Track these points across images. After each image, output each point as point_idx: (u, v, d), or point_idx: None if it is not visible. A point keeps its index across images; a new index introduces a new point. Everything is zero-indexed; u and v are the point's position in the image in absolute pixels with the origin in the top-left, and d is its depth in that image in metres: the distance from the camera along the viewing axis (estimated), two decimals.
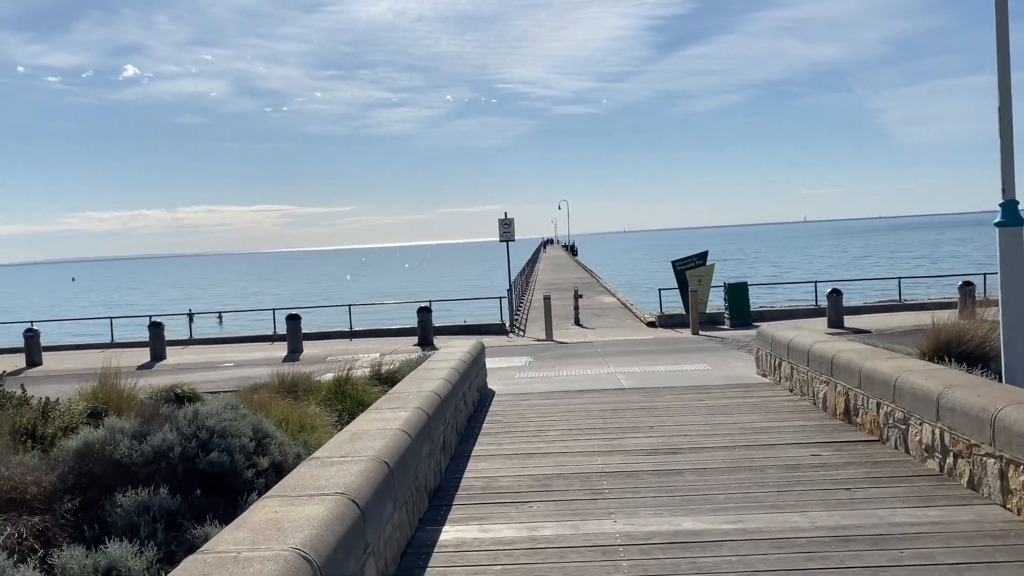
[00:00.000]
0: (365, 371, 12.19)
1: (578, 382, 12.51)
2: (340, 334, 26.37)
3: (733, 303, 23.97)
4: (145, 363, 21.63)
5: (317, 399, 9.94)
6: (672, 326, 24.55)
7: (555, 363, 15.79)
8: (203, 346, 25.67)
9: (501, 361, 16.71)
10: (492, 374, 13.96)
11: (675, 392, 10.94)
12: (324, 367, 18.83)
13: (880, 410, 7.52)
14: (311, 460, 5.01)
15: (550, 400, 10.72)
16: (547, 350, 18.96)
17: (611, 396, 10.88)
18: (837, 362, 8.59)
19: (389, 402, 6.91)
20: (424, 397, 7.06)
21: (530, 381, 13.01)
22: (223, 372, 18.85)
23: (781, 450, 7.45)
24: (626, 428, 8.73)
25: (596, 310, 30.49)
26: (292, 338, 22.13)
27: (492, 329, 25.67)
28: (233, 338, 27.26)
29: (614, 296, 36.48)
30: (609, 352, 17.40)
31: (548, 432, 8.68)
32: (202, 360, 21.69)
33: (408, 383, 8.17)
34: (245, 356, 21.96)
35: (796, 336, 10.44)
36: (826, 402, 8.99)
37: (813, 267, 77.10)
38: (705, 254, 26.21)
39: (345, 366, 11.14)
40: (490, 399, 11.01)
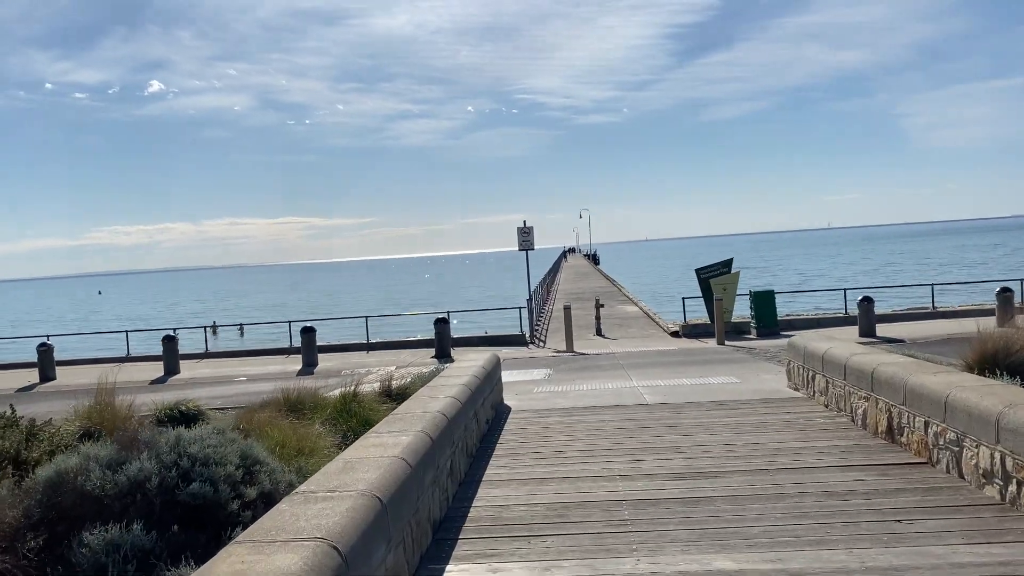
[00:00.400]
0: (375, 386, 11.67)
1: (598, 397, 11.91)
2: (357, 346, 25.90)
3: (759, 312, 23.24)
4: (158, 377, 21.29)
5: (322, 417, 9.42)
6: (696, 336, 23.84)
7: (575, 376, 15.19)
8: (218, 359, 25.31)
9: (519, 374, 16.14)
10: (509, 388, 13.39)
11: (702, 408, 10.30)
12: (338, 381, 18.35)
13: (929, 429, 6.86)
14: (294, 495, 4.46)
15: (569, 417, 10.13)
16: (567, 362, 18.36)
17: (633, 412, 10.27)
18: (878, 376, 7.94)
19: (390, 424, 6.36)
20: (429, 419, 6.50)
21: (548, 396, 12.42)
22: (235, 387, 18.42)
23: (820, 474, 6.81)
24: (650, 448, 8.12)
25: (618, 320, 29.83)
26: (307, 351, 21.68)
27: (512, 340, 25.11)
28: (249, 351, 26.87)
29: (636, 305, 35.79)
30: (632, 364, 16.77)
31: (566, 453, 8.09)
32: (216, 374, 21.30)
33: (414, 402, 7.62)
34: (259, 370, 21.53)
35: (831, 348, 9.78)
36: (866, 419, 8.33)
37: (838, 274, 75.85)
38: (730, 262, 25.48)
39: (354, 381, 10.59)
40: (506, 416, 10.43)
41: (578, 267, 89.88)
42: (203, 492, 5.21)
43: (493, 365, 10.69)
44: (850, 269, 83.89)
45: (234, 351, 27.41)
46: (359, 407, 9.48)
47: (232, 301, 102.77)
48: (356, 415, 9.28)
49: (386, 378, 11.99)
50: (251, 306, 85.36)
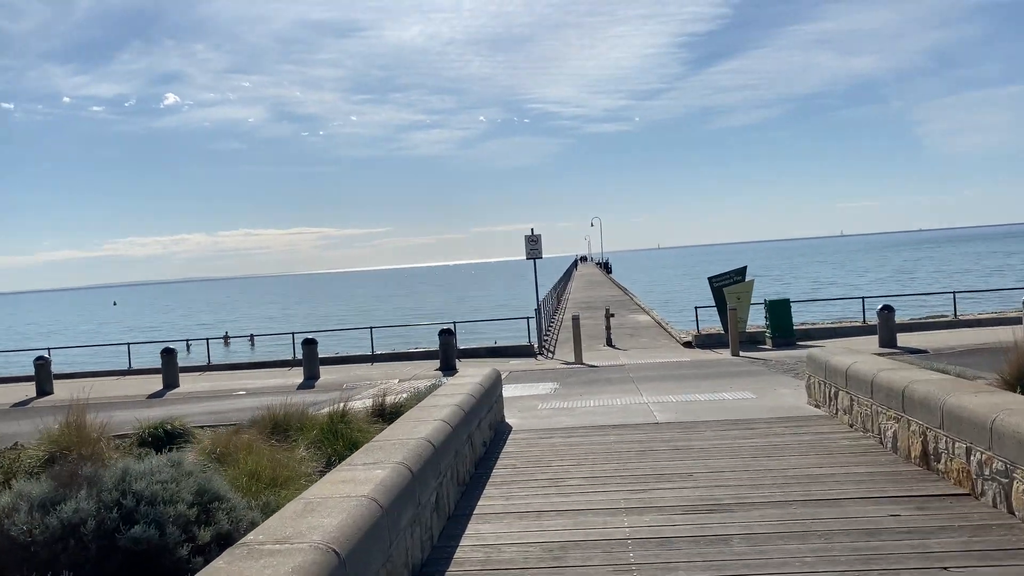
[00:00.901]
0: (368, 403, 11.01)
1: (606, 414, 11.21)
2: (362, 358, 25.28)
3: (775, 321, 22.47)
4: (156, 391, 20.71)
5: (308, 439, 8.76)
6: (710, 346, 23.09)
7: (582, 391, 14.49)
8: (221, 372, 24.73)
9: (524, 388, 15.45)
10: (512, 404, 12.71)
11: (716, 428, 9.59)
12: (336, 396, 17.69)
13: (971, 457, 6.14)
14: (236, 549, 3.80)
15: (573, 438, 9.43)
16: (575, 375, 17.65)
17: (642, 433, 9.55)
18: (911, 396, 7.21)
19: (368, 454, 5.69)
20: (412, 447, 5.83)
21: (552, 413, 11.73)
22: (232, 402, 17.81)
23: (850, 507, 6.09)
24: (660, 475, 7.42)
25: (630, 329, 29.10)
26: (308, 364, 21.07)
27: (520, 351, 24.42)
28: (252, 363, 26.30)
29: (648, 315, 35.04)
30: (642, 377, 16.05)
31: (567, 480, 7.39)
32: (215, 388, 20.70)
33: (400, 426, 6.95)
34: (260, 383, 20.93)
35: (855, 362, 9.05)
36: (896, 442, 7.60)
37: (852, 282, 74.79)
38: (744, 270, 24.73)
39: (343, 399, 9.94)
40: (506, 436, 9.75)
41: (590, 276, 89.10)
42: (147, 536, 4.56)
43: (492, 382, 10.01)
44: (863, 277, 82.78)
45: (237, 364, 26.84)
46: (347, 428, 8.83)
47: (241, 311, 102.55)
48: (343, 437, 8.62)
49: (381, 394, 11.32)
50: (264, 316, 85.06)
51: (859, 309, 34.52)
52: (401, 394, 12.41)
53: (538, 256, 25.45)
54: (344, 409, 9.29)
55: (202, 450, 8.07)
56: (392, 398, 11.09)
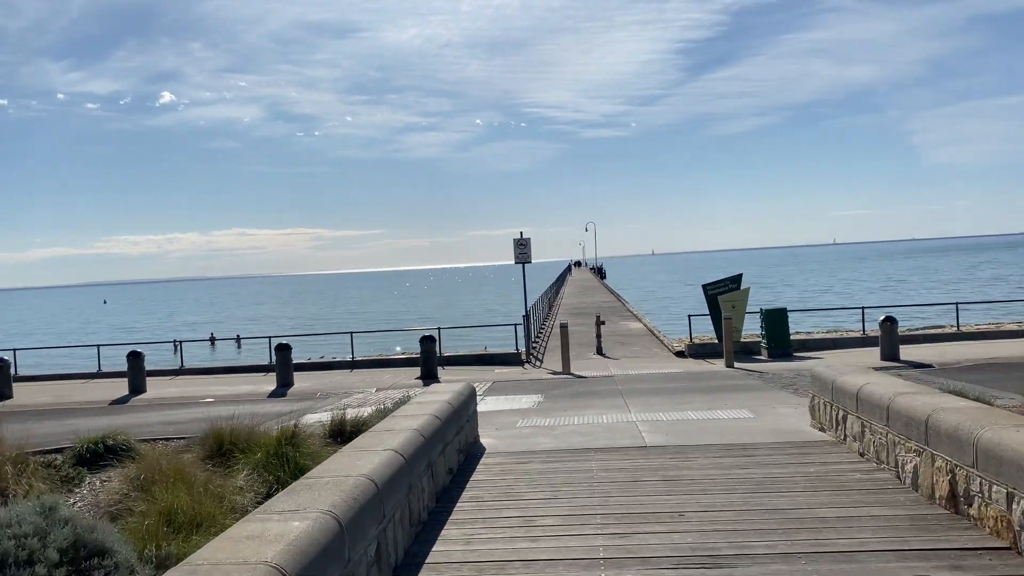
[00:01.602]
0: (327, 418, 10.02)
1: (590, 435, 10.21)
2: (341, 364, 24.29)
3: (771, 331, 21.55)
4: (120, 397, 19.68)
5: (251, 463, 7.77)
6: (703, 356, 22.18)
7: (567, 405, 13.50)
8: (192, 377, 23.69)
9: (506, 402, 14.47)
10: (490, 421, 11.74)
11: (711, 454, 8.61)
12: (310, 405, 16.74)
13: (1014, 505, 5.18)
14: None
15: (551, 463, 8.45)
16: (562, 386, 16.68)
17: (629, 458, 8.58)
18: (937, 426, 6.26)
19: (291, 497, 4.69)
20: (349, 488, 4.84)
21: (532, 432, 10.73)
22: (196, 410, 16.77)
23: (870, 563, 5.12)
24: (646, 513, 6.45)
25: (621, 337, 28.16)
26: (281, 370, 20.05)
27: (507, 359, 23.46)
28: (227, 368, 25.25)
29: (641, 322, 34.11)
30: (631, 390, 15.09)
31: (540, 519, 6.42)
32: (182, 394, 19.66)
33: (342, 457, 5.96)
34: (230, 390, 19.90)
35: (868, 384, 8.10)
36: (917, 479, 6.65)
37: (847, 291, 74.03)
38: (739, 277, 23.80)
39: (308, 410, 8.95)
40: (477, 460, 8.77)
41: (583, 281, 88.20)
42: None
43: (463, 399, 9.02)
44: (853, 286, 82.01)
45: (211, 367, 25.79)
46: (295, 452, 7.83)
47: (230, 312, 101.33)
48: (290, 463, 7.62)
49: (341, 409, 10.32)
50: (251, 317, 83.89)
51: (857, 319, 33.63)
52: (367, 407, 11.44)
53: (527, 260, 24.50)
54: (294, 429, 8.28)
55: (126, 477, 7.07)
56: (355, 412, 10.11)
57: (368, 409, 10.83)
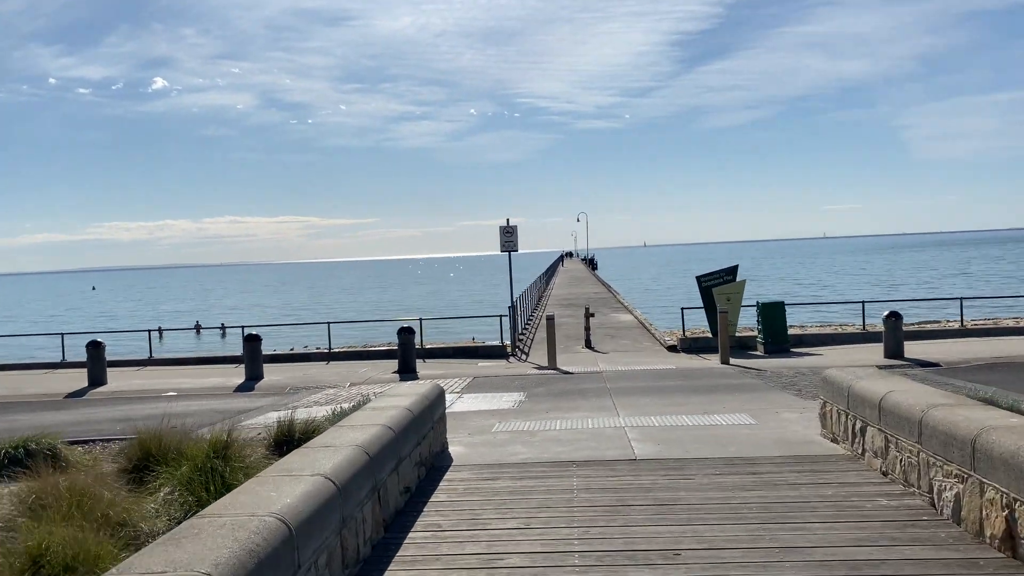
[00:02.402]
0: (274, 420, 8.87)
1: (573, 443, 9.09)
2: (318, 356, 23.14)
3: (768, 326, 20.49)
4: (78, 390, 18.46)
5: (175, 479, 6.62)
6: (696, 351, 21.13)
7: (550, 406, 12.39)
8: (160, 368, 22.48)
9: (484, 401, 13.35)
10: (464, 424, 10.63)
11: (710, 469, 7.51)
12: (275, 402, 15.59)
13: None
14: None
15: (525, 480, 7.33)
16: (546, 383, 15.57)
17: (616, 474, 7.47)
18: (988, 449, 5.16)
19: (166, 551, 3.54)
20: (249, 535, 3.70)
21: (509, 439, 9.60)
22: (153, 405, 15.60)
23: None
24: (635, 549, 5.34)
25: (611, 329, 27.09)
26: (250, 363, 18.88)
27: (491, 352, 22.35)
28: (197, 359, 24.06)
29: (631, 314, 33.03)
30: (621, 389, 13.99)
31: (507, 558, 5.29)
32: (144, 387, 18.47)
33: (261, 484, 4.81)
34: (196, 383, 18.74)
35: (893, 391, 6.99)
36: (959, 510, 5.55)
37: (836, 284, 73.18)
38: (735, 269, 22.73)
39: (230, 424, 7.80)
40: (442, 475, 7.65)
41: (574, 272, 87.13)
42: None
43: (426, 405, 7.88)
44: (845, 279, 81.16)
45: (182, 358, 24.59)
46: (226, 466, 6.68)
47: (216, 300, 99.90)
48: (219, 478, 6.48)
49: (306, 407, 9.19)
50: (239, 306, 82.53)
51: (852, 313, 32.65)
52: (332, 405, 10.29)
53: (513, 249, 23.35)
54: (227, 439, 7.11)
55: (17, 496, 5.93)
56: (316, 412, 8.96)
57: (326, 410, 9.69)
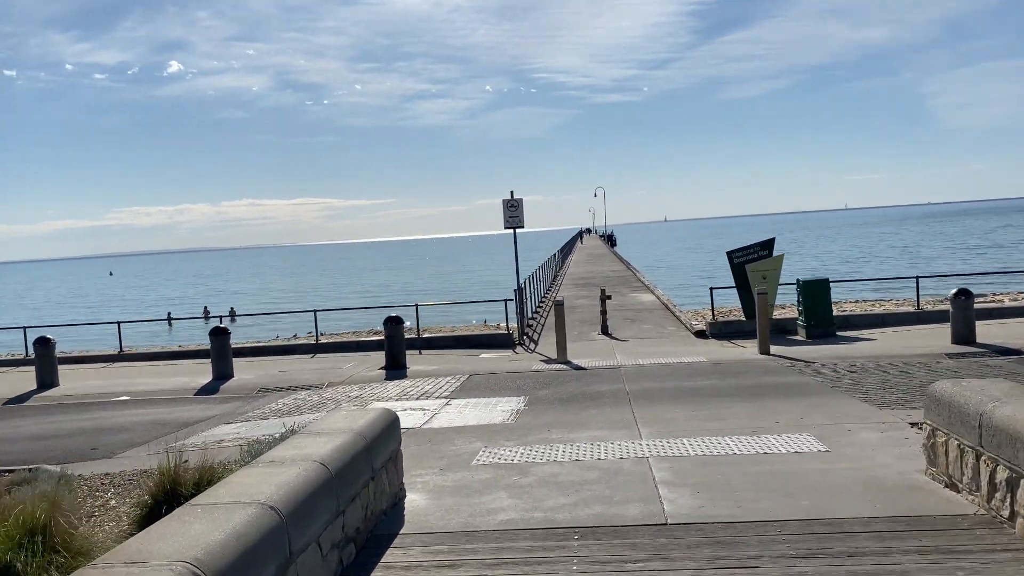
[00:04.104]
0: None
1: (577, 488, 6.54)
2: (303, 348, 20.80)
3: (810, 307, 17.88)
4: (22, 394, 16.16)
5: None
6: (728, 336, 18.59)
7: (553, 419, 9.89)
8: (126, 365, 20.19)
9: (473, 410, 10.87)
10: (440, 449, 8.18)
11: (779, 545, 4.96)
12: (235, 409, 13.15)
13: None
14: None
15: (501, 569, 4.84)
16: (552, 383, 13.07)
17: (637, 556, 4.94)
18: None
19: None
20: None
21: (491, 479, 7.07)
22: (91, 417, 13.28)
23: None
24: None
25: (631, 312, 24.53)
26: (218, 360, 16.51)
27: (496, 341, 19.93)
28: (169, 353, 21.74)
29: (653, 294, 30.39)
30: (643, 392, 11.47)
31: None
32: (98, 390, 16.14)
33: None
34: (158, 384, 16.43)
35: None
36: None
37: (864, 256, 70.03)
38: (771, 243, 20.03)
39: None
40: (383, 549, 5.19)
41: (592, 249, 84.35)
42: None
43: (358, 450, 5.36)
44: (873, 252, 77.87)
45: (155, 352, 22.29)
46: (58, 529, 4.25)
47: (229, 285, 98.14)
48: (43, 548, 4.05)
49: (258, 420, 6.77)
50: (248, 291, 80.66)
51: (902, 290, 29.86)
52: (285, 418, 7.87)
53: (519, 225, 20.80)
54: (50, 505, 4.66)
55: None
56: (256, 430, 6.49)
57: (282, 424, 7.23)
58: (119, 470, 8.68)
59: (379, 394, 13.11)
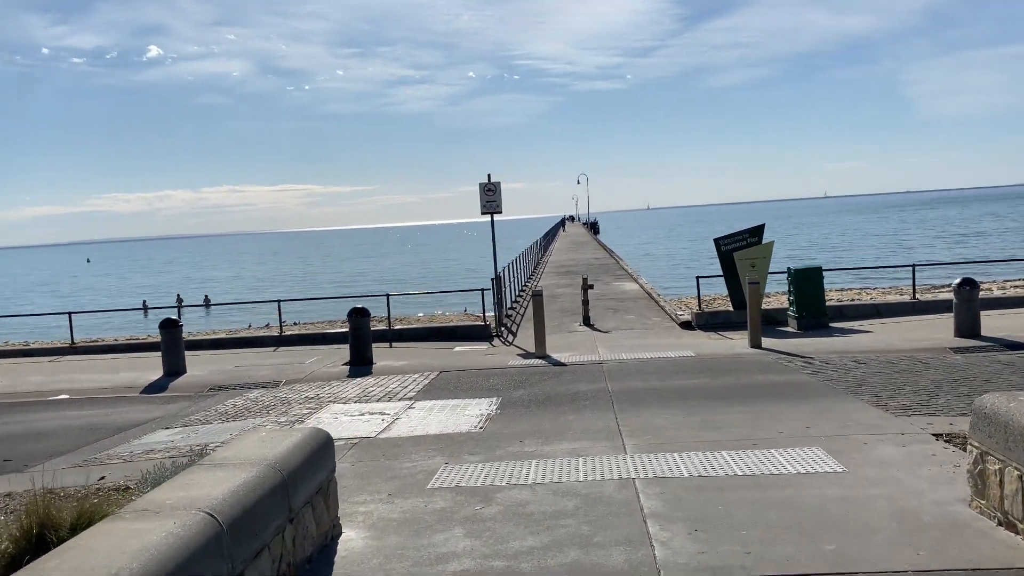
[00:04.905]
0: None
1: (550, 523, 5.43)
2: (266, 339, 19.57)
3: (802, 297, 16.87)
4: None
5: None
6: (715, 327, 17.63)
7: (527, 427, 8.77)
8: (78, 358, 18.89)
9: (440, 415, 9.73)
10: (394, 464, 7.04)
11: None
12: (180, 410, 11.84)
13: None
14: None
15: None
16: (529, 381, 11.95)
17: None
18: None
19: None
20: None
21: (448, 509, 5.94)
22: (19, 419, 12.03)
23: None
24: None
25: (614, 301, 23.47)
26: (168, 355, 15.27)
27: (472, 333, 18.81)
28: (125, 345, 20.42)
29: (637, 282, 29.34)
30: (627, 393, 10.37)
31: None
32: (36, 388, 14.85)
33: None
34: (103, 380, 15.19)
35: None
36: None
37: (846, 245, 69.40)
38: (760, 229, 18.98)
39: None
40: None
41: (575, 236, 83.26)
42: None
43: (275, 484, 4.20)
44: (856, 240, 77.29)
45: (109, 345, 20.96)
46: None
47: (206, 272, 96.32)
48: None
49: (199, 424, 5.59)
50: (221, 278, 79.02)
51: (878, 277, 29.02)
52: (233, 422, 6.70)
53: (497, 210, 19.62)
54: None
55: None
56: (203, 437, 5.32)
57: (232, 428, 6.05)
58: (23, 488, 7.49)
59: (338, 394, 11.94)
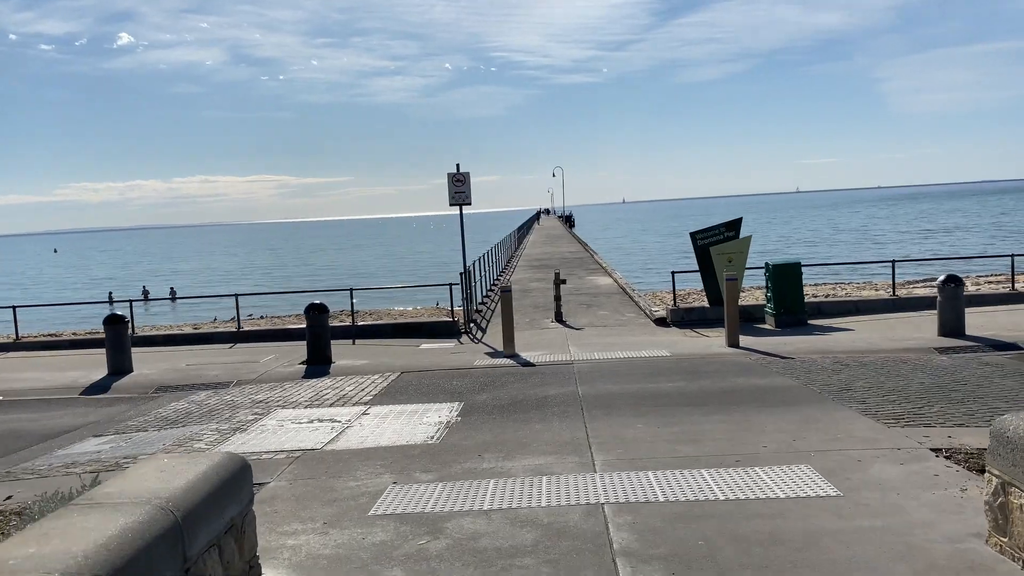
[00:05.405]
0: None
1: (504, 557, 4.67)
2: (223, 335, 18.69)
3: (780, 293, 16.32)
4: None
5: None
6: (690, 324, 17.04)
7: (489, 437, 8.02)
8: (22, 355, 17.88)
9: (395, 423, 8.95)
10: (337, 483, 6.27)
11: None
12: (118, 413, 10.91)
13: None
14: None
15: None
16: (494, 384, 11.21)
17: None
18: None
19: None
20: None
21: (388, 543, 5.17)
22: None
23: None
24: None
25: (587, 296, 22.81)
26: (113, 352, 14.35)
27: (439, 329, 18.06)
28: (73, 341, 19.41)
29: (611, 276, 28.70)
30: (599, 399, 9.67)
31: None
32: None
33: None
34: (46, 378, 14.26)
35: None
36: None
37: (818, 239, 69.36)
38: (737, 223, 18.36)
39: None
40: None
41: (550, 229, 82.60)
42: None
43: (164, 530, 3.45)
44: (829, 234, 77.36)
45: (56, 341, 19.94)
46: None
47: (173, 264, 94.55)
48: None
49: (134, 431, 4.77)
50: (190, 270, 77.45)
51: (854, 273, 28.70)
52: (171, 429, 5.92)
53: (466, 202, 18.84)
54: None
55: None
56: (136, 446, 4.51)
57: (170, 436, 5.26)
58: None
59: (288, 398, 11.13)
